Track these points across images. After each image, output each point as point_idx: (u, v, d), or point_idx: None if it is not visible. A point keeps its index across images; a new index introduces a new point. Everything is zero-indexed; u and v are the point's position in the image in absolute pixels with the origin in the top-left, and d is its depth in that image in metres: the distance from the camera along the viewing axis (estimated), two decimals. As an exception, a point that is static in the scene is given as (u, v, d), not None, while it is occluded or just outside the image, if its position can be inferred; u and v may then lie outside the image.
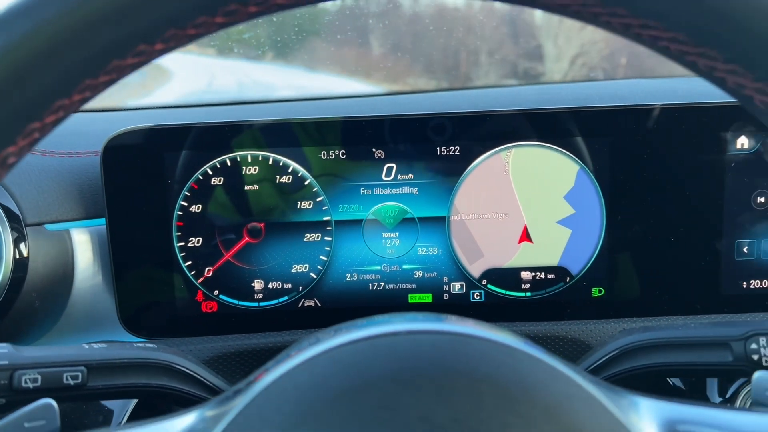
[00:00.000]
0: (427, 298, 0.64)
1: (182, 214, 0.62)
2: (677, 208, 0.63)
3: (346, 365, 0.28)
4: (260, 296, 0.64)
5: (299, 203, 0.62)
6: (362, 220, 0.63)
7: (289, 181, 0.62)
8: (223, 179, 0.62)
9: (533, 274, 0.64)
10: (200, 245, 0.63)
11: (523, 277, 0.64)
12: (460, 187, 0.62)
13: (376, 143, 0.62)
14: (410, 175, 0.62)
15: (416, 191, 0.63)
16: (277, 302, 0.64)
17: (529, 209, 0.63)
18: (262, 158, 0.62)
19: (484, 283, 0.64)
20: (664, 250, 0.63)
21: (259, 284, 0.64)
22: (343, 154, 0.62)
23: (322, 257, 0.63)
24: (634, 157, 0.62)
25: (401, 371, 0.27)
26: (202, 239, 0.63)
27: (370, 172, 0.62)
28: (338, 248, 0.63)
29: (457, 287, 0.64)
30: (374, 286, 0.64)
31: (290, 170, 0.62)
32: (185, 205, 0.62)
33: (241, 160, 0.62)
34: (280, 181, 0.62)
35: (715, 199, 0.63)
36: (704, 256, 0.63)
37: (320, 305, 0.64)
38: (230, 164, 0.62)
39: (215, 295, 0.63)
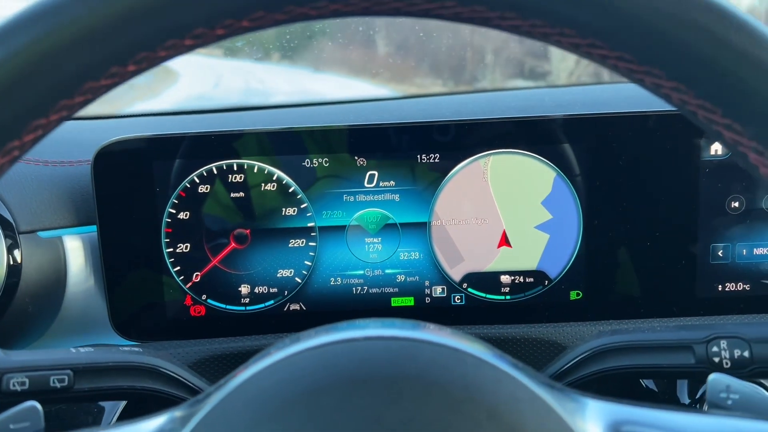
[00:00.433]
0: (409, 301, 0.66)
1: (171, 221, 0.64)
2: (653, 213, 0.64)
3: (305, 370, 0.30)
4: (247, 300, 0.66)
5: (284, 210, 0.64)
6: (345, 225, 0.65)
7: (273, 188, 0.64)
8: (209, 187, 0.64)
9: (512, 277, 0.65)
10: (188, 251, 0.65)
11: (502, 280, 0.66)
12: (440, 193, 0.64)
13: (357, 151, 0.64)
14: (392, 182, 0.64)
15: (398, 198, 0.65)
16: (263, 306, 0.66)
17: (507, 215, 0.64)
18: (247, 167, 0.64)
19: (464, 286, 0.66)
20: (640, 254, 0.65)
21: (245, 289, 0.65)
22: (326, 162, 0.64)
23: (306, 262, 0.65)
24: (609, 163, 0.64)
25: (356, 375, 0.29)
26: (190, 245, 0.64)
27: (352, 179, 0.64)
28: (322, 253, 0.65)
29: (438, 291, 0.66)
30: (358, 290, 0.66)
31: (275, 178, 0.64)
32: (173, 212, 0.64)
33: (227, 168, 0.63)
34: (265, 188, 0.64)
35: (690, 203, 0.64)
36: (680, 259, 0.65)
37: (305, 309, 0.66)
38: (217, 172, 0.63)
39: (203, 299, 0.65)
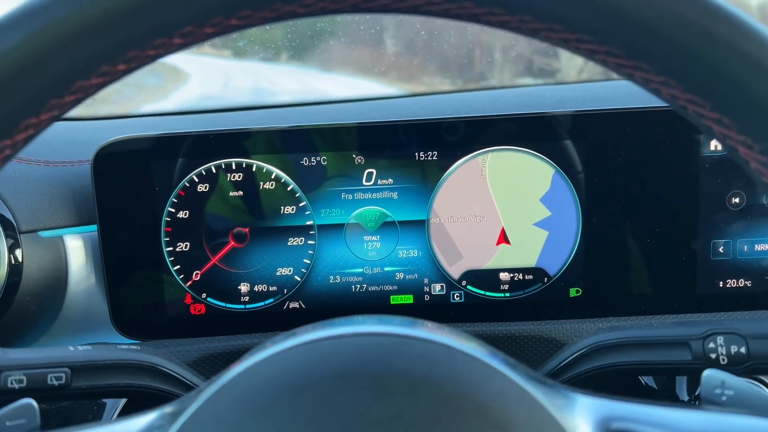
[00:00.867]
0: (408, 299, 0.66)
1: (170, 220, 0.64)
2: (653, 209, 0.64)
3: (293, 366, 0.30)
4: (247, 299, 0.66)
5: (282, 208, 0.64)
6: (344, 224, 0.65)
7: (272, 187, 0.64)
8: (208, 186, 0.64)
9: (511, 275, 0.65)
10: (188, 250, 0.65)
11: (501, 278, 0.65)
12: (438, 191, 0.64)
13: (356, 149, 0.64)
14: (390, 180, 0.64)
15: (396, 195, 0.65)
16: (263, 304, 0.66)
17: (506, 212, 0.64)
18: (245, 165, 0.64)
19: (463, 284, 0.66)
20: (640, 250, 0.64)
21: (245, 287, 0.66)
22: (324, 160, 0.64)
23: (305, 260, 0.65)
24: (608, 159, 0.63)
25: (344, 371, 0.29)
26: (189, 244, 0.65)
27: (351, 177, 0.64)
28: (321, 251, 0.65)
29: (437, 288, 0.66)
30: (357, 288, 0.66)
31: (273, 177, 0.64)
32: (173, 211, 0.64)
33: (225, 167, 0.64)
34: (263, 187, 0.64)
35: (690, 200, 0.64)
36: (680, 256, 0.65)
37: (305, 307, 0.66)
38: (215, 172, 0.64)
39: (203, 297, 0.66)
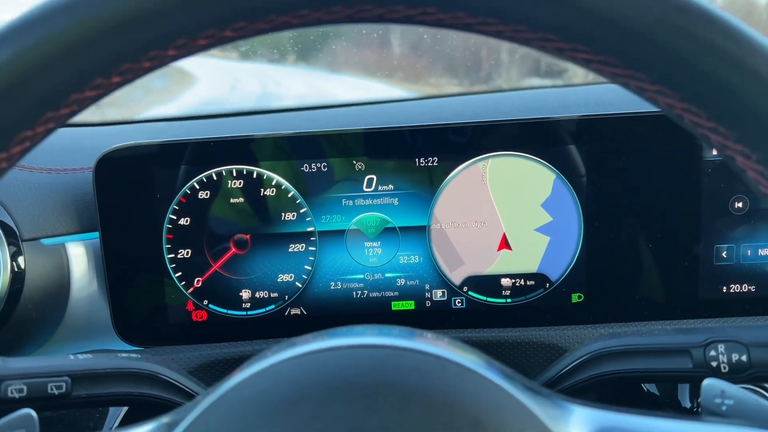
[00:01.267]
0: (409, 305, 0.66)
1: (171, 227, 0.64)
2: (655, 214, 0.64)
3: (286, 379, 0.30)
4: (248, 305, 0.66)
5: (283, 215, 0.65)
6: (345, 230, 0.65)
7: (273, 193, 0.64)
8: (209, 193, 0.64)
9: (513, 280, 0.65)
10: (189, 257, 0.65)
11: (503, 283, 0.65)
12: (439, 197, 0.64)
13: (356, 155, 0.64)
14: (390, 186, 0.64)
15: (397, 201, 0.64)
16: (264, 311, 0.66)
17: (507, 218, 0.64)
18: (246, 172, 0.64)
19: (465, 290, 0.65)
20: (642, 255, 0.64)
21: (246, 294, 0.66)
22: (324, 166, 0.64)
23: (306, 267, 0.65)
24: (610, 164, 0.63)
25: (337, 384, 0.29)
26: (191, 251, 0.65)
27: (351, 183, 0.64)
28: (322, 258, 0.65)
29: (438, 294, 0.66)
30: (358, 294, 0.66)
31: (274, 183, 0.64)
32: (174, 218, 0.64)
33: (226, 174, 0.64)
34: (264, 194, 0.64)
35: (692, 204, 0.63)
36: (683, 261, 0.64)
37: (306, 313, 0.66)
38: (216, 178, 0.64)
39: (205, 304, 0.66)
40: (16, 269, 0.61)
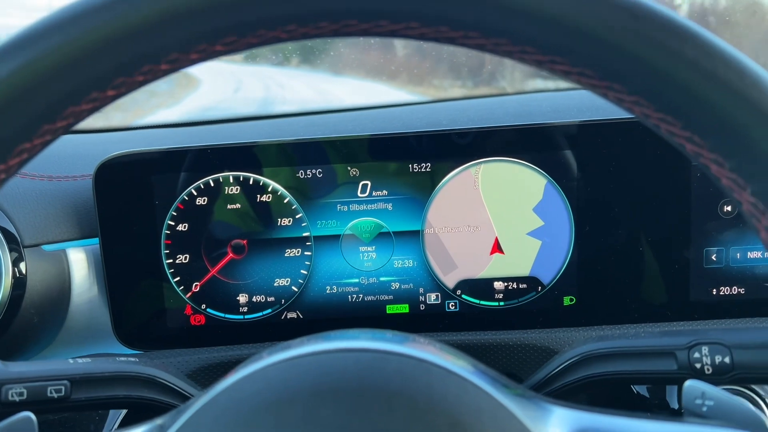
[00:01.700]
0: (404, 308, 0.67)
1: (170, 232, 0.66)
2: (645, 217, 0.64)
3: (273, 382, 0.31)
4: (245, 309, 0.67)
5: (279, 220, 0.66)
6: (340, 235, 0.66)
7: (269, 199, 0.65)
8: (207, 199, 0.65)
9: (506, 284, 0.66)
10: (187, 262, 0.66)
11: (496, 287, 0.66)
12: (432, 202, 0.65)
13: (350, 162, 0.65)
14: (384, 191, 0.65)
15: (391, 207, 0.66)
16: (261, 315, 0.67)
17: (499, 222, 0.65)
18: (243, 178, 0.65)
19: (458, 293, 0.66)
20: (633, 259, 0.65)
21: (243, 298, 0.67)
22: (319, 173, 0.65)
23: (302, 271, 0.66)
24: (600, 168, 0.64)
25: (321, 388, 0.30)
26: (189, 256, 0.66)
27: (346, 189, 0.65)
28: (318, 262, 0.66)
29: (432, 298, 0.67)
30: (353, 297, 0.67)
31: (270, 189, 0.65)
32: (172, 224, 0.65)
33: (223, 180, 0.65)
34: (260, 199, 0.65)
35: (682, 208, 0.64)
36: (673, 264, 0.65)
37: (302, 317, 0.67)
38: (213, 185, 0.65)
39: (203, 308, 0.67)
40: (17, 275, 0.62)
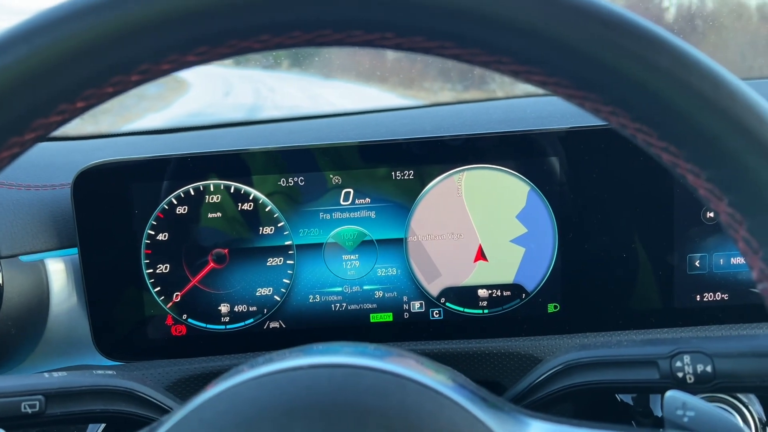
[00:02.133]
0: (387, 317, 0.66)
1: (150, 242, 0.65)
2: (628, 224, 0.64)
3: (245, 399, 0.30)
4: (227, 319, 0.66)
5: (261, 229, 0.65)
6: (323, 243, 0.65)
7: (250, 208, 0.65)
8: (187, 208, 0.64)
9: (490, 291, 0.66)
10: (168, 271, 0.65)
11: (480, 294, 0.66)
12: (415, 209, 0.65)
13: (333, 169, 0.64)
14: (367, 199, 0.65)
15: (374, 214, 0.65)
16: (243, 325, 0.66)
17: (483, 229, 0.65)
18: (223, 187, 0.64)
19: (442, 301, 0.66)
20: (616, 265, 0.65)
21: (225, 308, 0.66)
22: (301, 180, 0.64)
23: (285, 280, 0.66)
24: (583, 175, 0.64)
25: (294, 405, 0.29)
26: (169, 266, 0.65)
27: (328, 197, 0.65)
28: (300, 271, 0.66)
29: (416, 306, 0.66)
30: (336, 306, 0.66)
31: (251, 198, 0.65)
32: (152, 233, 0.65)
33: (203, 189, 0.64)
34: (242, 208, 0.65)
35: (665, 214, 0.64)
36: (657, 270, 0.65)
37: (285, 327, 0.66)
38: (194, 194, 0.64)
39: (184, 319, 0.66)
40: (-6, 286, 0.61)
